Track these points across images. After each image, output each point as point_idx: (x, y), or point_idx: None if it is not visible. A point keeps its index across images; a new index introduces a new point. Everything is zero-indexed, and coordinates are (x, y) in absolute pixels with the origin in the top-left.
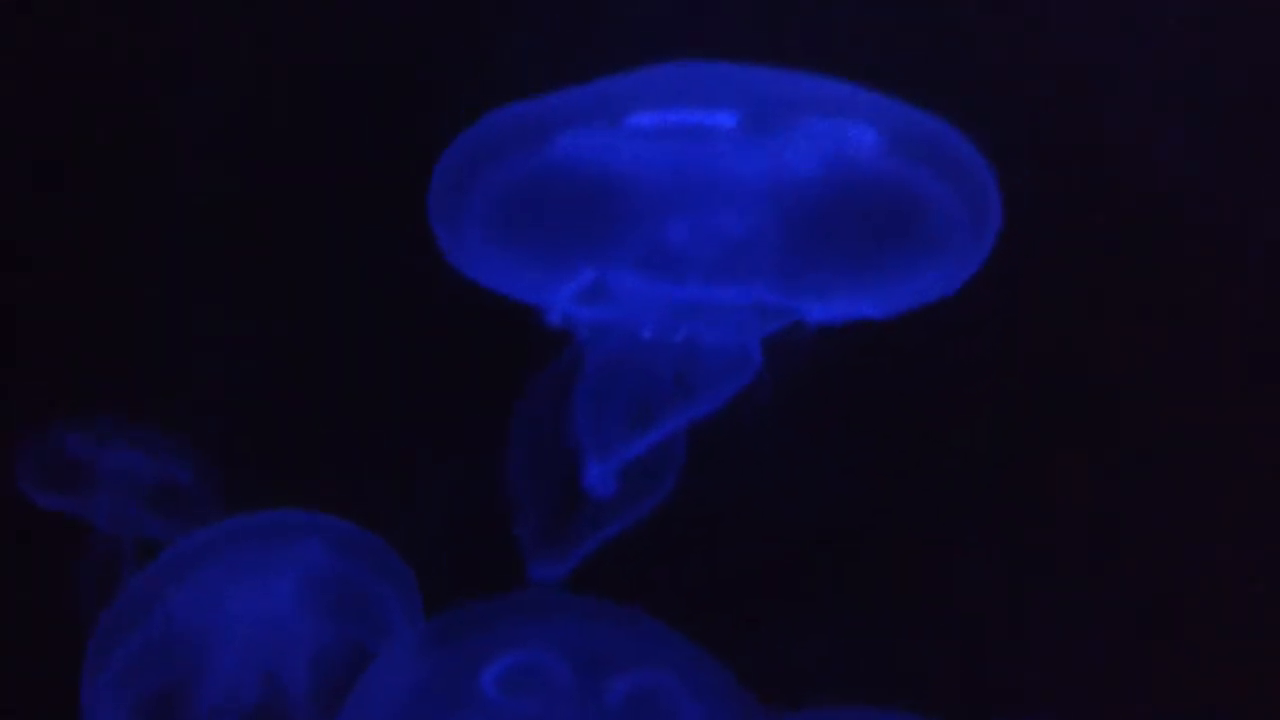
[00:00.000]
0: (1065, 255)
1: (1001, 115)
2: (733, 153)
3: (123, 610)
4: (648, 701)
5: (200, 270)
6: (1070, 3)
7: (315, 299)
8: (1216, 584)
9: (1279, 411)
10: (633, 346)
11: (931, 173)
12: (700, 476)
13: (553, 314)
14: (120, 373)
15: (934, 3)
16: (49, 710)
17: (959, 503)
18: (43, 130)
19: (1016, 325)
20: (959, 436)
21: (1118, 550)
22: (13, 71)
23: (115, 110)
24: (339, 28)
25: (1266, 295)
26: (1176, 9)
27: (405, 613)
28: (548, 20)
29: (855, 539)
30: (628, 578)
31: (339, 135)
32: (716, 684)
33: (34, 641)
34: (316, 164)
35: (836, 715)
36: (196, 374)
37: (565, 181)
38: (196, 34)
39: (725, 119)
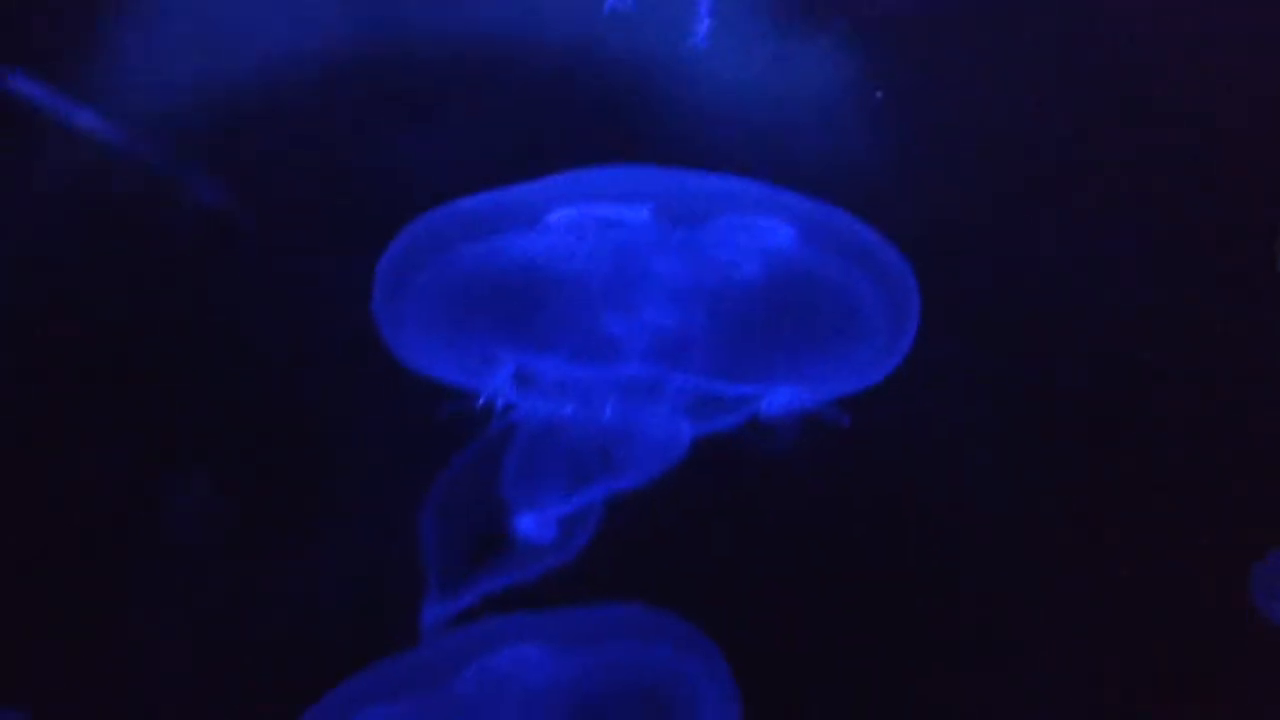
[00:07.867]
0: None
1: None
2: (652, 246)
3: None
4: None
5: None
6: None
7: None
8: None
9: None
10: (562, 421)
11: (847, 263)
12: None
13: (484, 396)
14: None
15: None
16: None
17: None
18: None
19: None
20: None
21: None
22: None
23: None
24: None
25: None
26: None
27: None
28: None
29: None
30: None
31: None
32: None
33: None
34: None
35: None
36: None
37: (495, 279)
38: None
39: (640, 212)
